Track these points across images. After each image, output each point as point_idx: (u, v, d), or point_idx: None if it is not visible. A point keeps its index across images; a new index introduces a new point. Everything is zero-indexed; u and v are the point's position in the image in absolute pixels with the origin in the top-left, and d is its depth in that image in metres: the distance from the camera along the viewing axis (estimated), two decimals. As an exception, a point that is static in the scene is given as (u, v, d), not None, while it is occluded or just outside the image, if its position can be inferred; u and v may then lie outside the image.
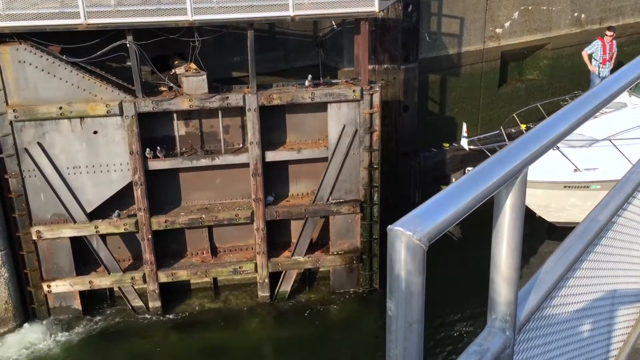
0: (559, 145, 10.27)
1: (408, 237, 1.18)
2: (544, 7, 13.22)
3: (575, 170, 10.17)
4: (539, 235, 11.55)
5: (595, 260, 2.24)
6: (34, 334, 9.55)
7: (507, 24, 12.89)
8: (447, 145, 12.61)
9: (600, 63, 12.81)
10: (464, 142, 11.06)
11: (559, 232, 11.19)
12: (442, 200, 1.31)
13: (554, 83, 13.96)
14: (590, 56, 12.82)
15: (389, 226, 1.19)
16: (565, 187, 10.31)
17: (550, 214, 10.95)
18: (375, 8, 9.07)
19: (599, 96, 1.95)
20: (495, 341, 1.62)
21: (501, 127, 12.00)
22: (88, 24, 8.38)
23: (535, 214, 10.87)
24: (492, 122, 13.13)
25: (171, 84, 9.30)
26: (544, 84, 13.90)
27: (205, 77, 9.21)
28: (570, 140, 10.42)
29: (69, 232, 9.44)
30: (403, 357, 1.24)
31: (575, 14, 13.70)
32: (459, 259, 11.28)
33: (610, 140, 10.29)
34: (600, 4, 13.97)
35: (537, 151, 1.62)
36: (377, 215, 10.23)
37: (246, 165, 9.67)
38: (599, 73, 12.87)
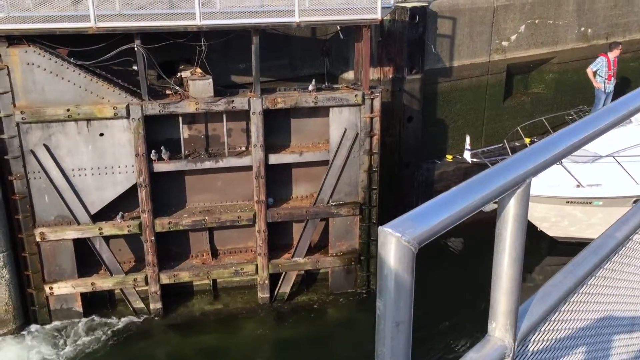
0: (562, 160, 10.30)
1: (397, 239, 1.17)
2: (551, 21, 13.27)
3: (578, 186, 10.16)
4: (540, 249, 11.52)
5: (610, 278, 2.16)
6: (33, 337, 9.53)
7: (513, 37, 12.94)
8: (450, 157, 12.61)
9: (605, 79, 12.79)
10: (466, 155, 11.05)
11: (561, 247, 11.15)
12: (436, 205, 1.30)
13: (559, 97, 13.98)
14: (595, 73, 12.81)
15: (380, 227, 1.20)
16: (567, 202, 10.30)
17: (552, 229, 10.93)
18: (378, 16, 9.23)
19: (612, 114, 1.87)
20: (494, 350, 1.60)
21: (505, 140, 12.00)
22: (98, 28, 8.46)
23: (537, 228, 10.85)
24: (497, 135, 13.14)
25: (177, 88, 9.36)
26: (549, 98, 13.91)
27: (211, 80, 9.28)
28: (574, 156, 10.40)
29: (72, 233, 9.46)
30: (390, 356, 1.24)
31: (582, 29, 13.74)
32: (463, 266, 11.24)
33: (614, 157, 10.28)
34: (607, 19, 14.01)
35: (542, 164, 1.59)
36: (376, 217, 10.31)
37: (248, 167, 9.72)
38: (604, 89, 12.86)
